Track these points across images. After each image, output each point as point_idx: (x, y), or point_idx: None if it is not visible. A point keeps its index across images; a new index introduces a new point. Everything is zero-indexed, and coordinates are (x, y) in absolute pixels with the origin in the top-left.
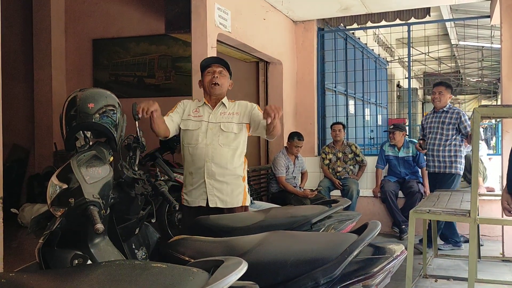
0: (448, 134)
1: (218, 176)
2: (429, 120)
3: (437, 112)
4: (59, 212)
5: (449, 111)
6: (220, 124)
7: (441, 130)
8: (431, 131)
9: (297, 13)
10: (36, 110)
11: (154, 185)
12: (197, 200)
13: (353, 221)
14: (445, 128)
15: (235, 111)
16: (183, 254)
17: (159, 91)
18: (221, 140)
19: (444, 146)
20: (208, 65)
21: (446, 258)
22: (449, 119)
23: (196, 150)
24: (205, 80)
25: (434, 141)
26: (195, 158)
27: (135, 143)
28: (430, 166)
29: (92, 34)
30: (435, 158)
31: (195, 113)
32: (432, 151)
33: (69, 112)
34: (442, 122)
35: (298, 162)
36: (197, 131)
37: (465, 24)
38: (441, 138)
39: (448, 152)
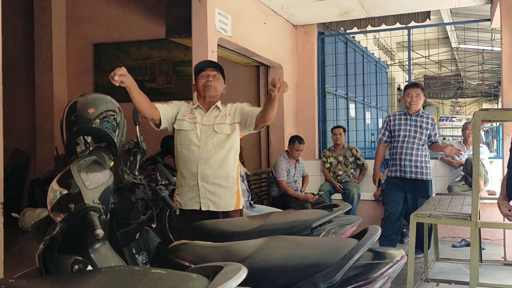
0: (425, 140)
1: (212, 178)
2: (402, 122)
3: (411, 115)
4: (59, 217)
5: (424, 116)
6: (214, 126)
7: (419, 135)
8: (408, 135)
9: (297, 17)
10: (37, 115)
11: (154, 190)
12: (189, 203)
13: (354, 225)
14: (424, 133)
15: (227, 113)
16: (183, 259)
17: (160, 95)
18: (215, 142)
19: (421, 151)
20: (202, 69)
21: (448, 262)
22: (426, 124)
23: (189, 152)
24: (199, 84)
25: (412, 145)
26: (188, 159)
27: (135, 148)
28: (407, 172)
29: (93, 39)
30: (412, 164)
31: (190, 114)
32: (409, 156)
33: (70, 117)
34: (420, 126)
35: (299, 166)
36: (191, 132)
37: (465, 27)
38: (419, 143)
39: (424, 157)
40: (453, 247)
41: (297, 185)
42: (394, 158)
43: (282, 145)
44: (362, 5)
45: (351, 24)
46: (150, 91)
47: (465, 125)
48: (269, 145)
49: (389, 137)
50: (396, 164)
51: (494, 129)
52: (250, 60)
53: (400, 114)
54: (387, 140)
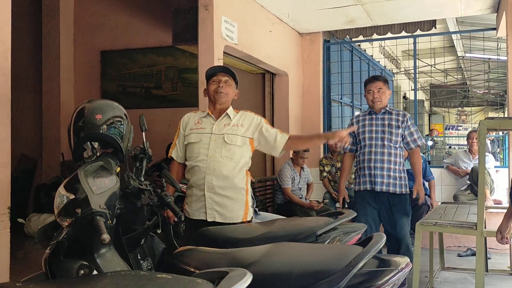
0: (397, 141)
1: (219, 189)
2: (366, 123)
3: (377, 113)
4: (66, 222)
5: (393, 112)
6: (224, 135)
7: (388, 135)
8: (374, 137)
9: (303, 25)
10: (44, 121)
11: (160, 196)
12: (197, 213)
13: (359, 233)
14: (394, 132)
15: (239, 123)
16: (188, 265)
17: (166, 102)
18: (224, 153)
19: (395, 157)
20: (214, 74)
21: (453, 271)
22: (396, 122)
23: (197, 163)
24: (210, 89)
25: (382, 150)
26: (196, 170)
27: (141, 154)
28: (377, 183)
29: (101, 46)
30: (384, 173)
31: (197, 124)
32: (380, 163)
33: (77, 123)
34: (389, 125)
35: (304, 174)
36: (198, 144)
37: (471, 36)
38: (390, 145)
39: (399, 165)
40: (459, 256)
41: (302, 192)
42: (362, 167)
43: (287, 153)
44: (368, 13)
45: (356, 32)
46: (156, 98)
47: (469, 134)
48: None
49: (354, 144)
50: (364, 174)
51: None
52: (256, 68)
53: (364, 114)
54: (352, 149)
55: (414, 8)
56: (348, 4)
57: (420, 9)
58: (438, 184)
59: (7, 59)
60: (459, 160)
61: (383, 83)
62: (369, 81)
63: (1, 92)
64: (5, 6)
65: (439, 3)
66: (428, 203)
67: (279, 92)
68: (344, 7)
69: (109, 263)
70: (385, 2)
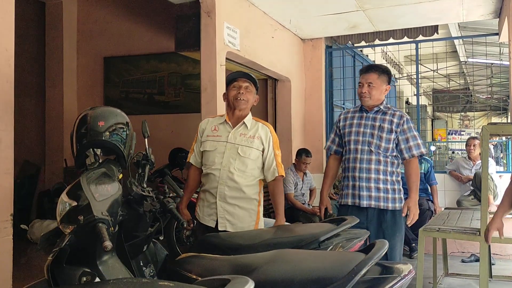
0: (387, 148)
1: (230, 199)
2: (354, 122)
3: (368, 111)
4: (68, 229)
5: (388, 112)
6: (238, 147)
7: (377, 140)
8: (361, 140)
9: (305, 31)
10: (47, 127)
11: (162, 202)
12: (207, 219)
13: (361, 239)
14: (384, 137)
15: (256, 135)
16: (191, 272)
17: (169, 108)
18: (237, 165)
19: (385, 166)
20: (235, 79)
21: (457, 277)
22: (389, 124)
23: (212, 171)
24: (230, 94)
25: (369, 156)
26: (210, 178)
27: (144, 160)
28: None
29: (104, 52)
30: (371, 185)
31: (214, 131)
32: (366, 172)
33: (80, 130)
34: (380, 128)
35: (307, 179)
36: (213, 152)
37: (473, 41)
38: (379, 152)
39: (390, 175)
40: (463, 262)
41: (304, 198)
42: (346, 176)
43: (290, 158)
44: (370, 19)
45: (358, 37)
46: (159, 104)
47: (468, 141)
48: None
49: (341, 145)
50: (348, 185)
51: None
52: (258, 74)
53: (354, 111)
54: (338, 150)
55: (416, 13)
56: (350, 10)
57: (422, 15)
58: (441, 189)
59: (10, 66)
60: (460, 166)
61: (378, 75)
62: (362, 71)
63: (5, 99)
64: (8, 13)
65: (441, 8)
66: (432, 208)
67: (281, 98)
68: (346, 13)
69: (111, 270)
70: (387, 8)
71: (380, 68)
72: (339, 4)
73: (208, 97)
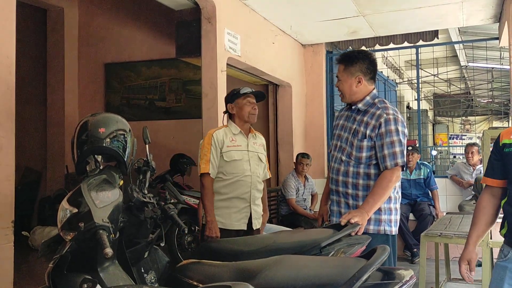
0: (359, 158)
1: (257, 201)
2: (340, 122)
3: (351, 110)
4: (69, 236)
5: (369, 111)
6: (258, 154)
7: (349, 147)
8: (337, 145)
9: (306, 36)
10: (48, 133)
11: (163, 209)
12: (237, 224)
13: (363, 244)
14: (355, 145)
15: (259, 143)
16: (191, 278)
17: (170, 114)
18: (259, 170)
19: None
20: (248, 95)
21: (460, 282)
22: (364, 127)
23: (242, 178)
24: (244, 109)
25: (344, 168)
26: (240, 186)
27: (145, 167)
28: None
29: (105, 59)
30: (349, 202)
31: (233, 142)
32: (342, 186)
33: (81, 137)
34: (354, 132)
35: (308, 184)
36: (241, 161)
37: (473, 45)
38: (348, 162)
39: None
40: None
41: (306, 203)
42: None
43: (291, 164)
44: (370, 25)
45: (359, 43)
46: (160, 109)
47: (467, 147)
48: (278, 164)
49: None
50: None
51: None
52: (259, 79)
53: (345, 109)
54: None
55: (416, 18)
56: (351, 15)
57: (422, 20)
58: (442, 194)
59: (11, 74)
60: (461, 171)
61: (344, 66)
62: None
63: (6, 105)
64: (9, 20)
65: (441, 13)
66: (433, 213)
67: (282, 103)
68: (346, 18)
69: (112, 277)
70: (387, 13)
71: (347, 56)
72: (340, 10)
73: (209, 103)
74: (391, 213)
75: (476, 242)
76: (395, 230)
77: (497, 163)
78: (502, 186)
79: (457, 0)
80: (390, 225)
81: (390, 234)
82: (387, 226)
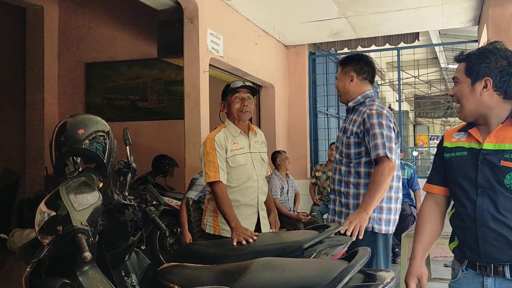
0: (349, 154)
1: (263, 205)
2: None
3: (347, 111)
4: (47, 239)
5: (359, 110)
6: (260, 154)
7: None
8: (337, 145)
9: (288, 37)
10: (27, 134)
11: (144, 211)
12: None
13: (345, 246)
14: (344, 142)
15: (260, 140)
16: (172, 282)
17: (152, 114)
18: (263, 172)
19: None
20: (236, 91)
21: (440, 282)
22: (353, 125)
23: (250, 184)
24: (233, 106)
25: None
26: (247, 191)
27: (125, 168)
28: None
29: (85, 58)
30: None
31: (235, 145)
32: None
33: (59, 138)
34: (345, 130)
35: (290, 181)
36: (246, 165)
37: (453, 48)
38: (341, 160)
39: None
40: (445, 266)
41: (289, 204)
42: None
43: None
44: (352, 26)
45: (341, 44)
46: (142, 110)
47: None
48: None
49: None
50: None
51: None
52: (242, 80)
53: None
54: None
55: (397, 21)
56: (333, 17)
57: (403, 22)
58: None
59: None
60: None
61: (341, 67)
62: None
63: None
64: None
65: (422, 16)
66: (414, 214)
67: (265, 104)
68: (328, 20)
69: (91, 281)
70: (369, 15)
71: (345, 58)
72: (322, 11)
73: (192, 104)
74: (381, 212)
75: (423, 256)
76: (387, 229)
77: (442, 168)
78: (447, 194)
79: (437, 3)
80: (380, 223)
81: (380, 232)
82: (375, 224)
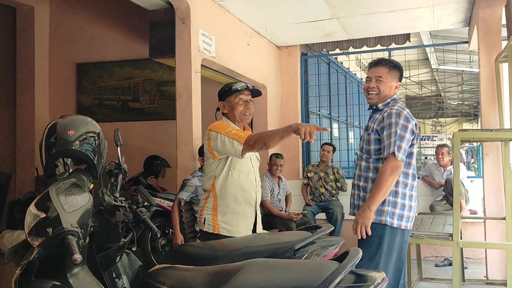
0: (369, 150)
1: (259, 204)
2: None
3: (373, 111)
4: (37, 241)
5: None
6: (256, 154)
7: (364, 143)
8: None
9: (280, 38)
10: (18, 135)
11: (135, 212)
12: (243, 231)
13: (336, 246)
14: (365, 139)
15: None
16: (163, 284)
17: (144, 115)
18: (258, 169)
19: (374, 173)
20: (240, 92)
21: (431, 282)
22: (374, 123)
23: (247, 178)
24: (236, 108)
25: (359, 162)
26: (246, 186)
27: (117, 169)
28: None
29: (76, 59)
30: (360, 193)
31: None
32: (355, 179)
33: (49, 139)
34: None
35: (282, 184)
36: (248, 158)
37: (444, 49)
38: (361, 156)
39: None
40: (436, 266)
41: (281, 204)
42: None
43: (265, 165)
44: (344, 27)
45: (333, 45)
46: (133, 110)
47: (437, 149)
48: None
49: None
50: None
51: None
52: (234, 80)
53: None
54: None
55: (388, 22)
56: (325, 18)
57: (394, 23)
58: None
59: None
60: (433, 172)
61: (388, 69)
62: (371, 65)
63: None
64: None
65: (413, 17)
66: None
67: (257, 105)
68: (320, 21)
69: (82, 283)
70: (361, 16)
71: (391, 62)
72: (314, 12)
73: (184, 104)
74: (395, 206)
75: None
76: (399, 224)
77: None
78: None
79: (428, 4)
80: (393, 217)
81: (391, 225)
82: (388, 218)
